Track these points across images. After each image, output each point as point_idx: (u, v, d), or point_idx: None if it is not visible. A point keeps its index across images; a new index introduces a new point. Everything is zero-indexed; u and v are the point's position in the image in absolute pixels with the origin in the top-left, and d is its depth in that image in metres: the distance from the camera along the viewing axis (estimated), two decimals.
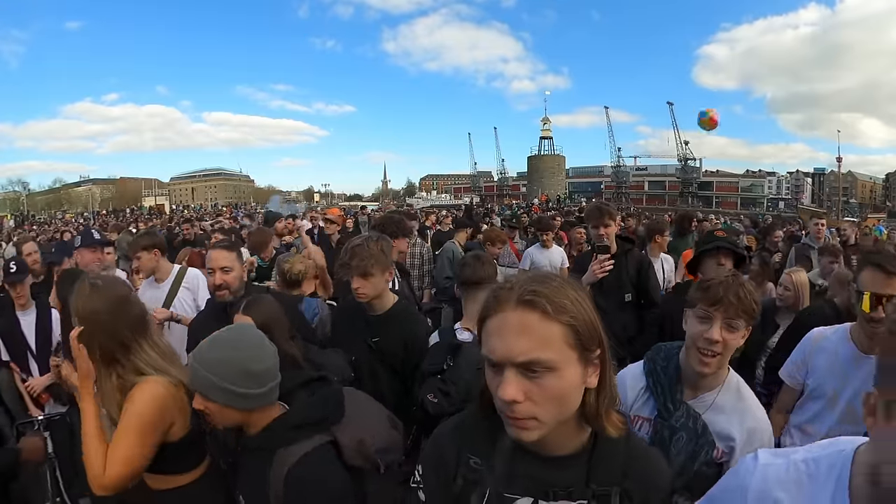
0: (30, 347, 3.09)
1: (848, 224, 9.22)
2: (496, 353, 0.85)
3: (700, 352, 1.42)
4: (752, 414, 1.47)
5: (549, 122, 59.44)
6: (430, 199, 55.66)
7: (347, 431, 1.38)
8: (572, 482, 0.91)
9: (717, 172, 58.11)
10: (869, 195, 57.14)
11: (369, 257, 2.15)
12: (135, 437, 1.46)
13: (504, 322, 0.85)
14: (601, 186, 59.80)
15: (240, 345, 1.32)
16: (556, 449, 0.92)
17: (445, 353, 1.93)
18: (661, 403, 1.47)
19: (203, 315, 2.70)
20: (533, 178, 58.47)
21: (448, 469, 0.99)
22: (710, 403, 1.47)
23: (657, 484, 0.96)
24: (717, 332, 1.40)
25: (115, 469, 1.44)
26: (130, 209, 51.94)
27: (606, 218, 2.93)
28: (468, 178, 69.71)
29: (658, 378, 1.51)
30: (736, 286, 1.43)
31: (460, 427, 1.04)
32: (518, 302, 0.85)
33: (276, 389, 1.35)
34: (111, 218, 32.25)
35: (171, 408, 1.54)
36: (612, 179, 58.67)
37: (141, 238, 3.48)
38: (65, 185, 69.86)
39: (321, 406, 1.39)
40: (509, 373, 0.83)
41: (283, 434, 1.32)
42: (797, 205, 46.44)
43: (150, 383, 1.54)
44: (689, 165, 53.67)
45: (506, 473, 0.93)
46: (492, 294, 0.90)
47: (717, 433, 1.43)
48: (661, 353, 1.57)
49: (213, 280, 2.44)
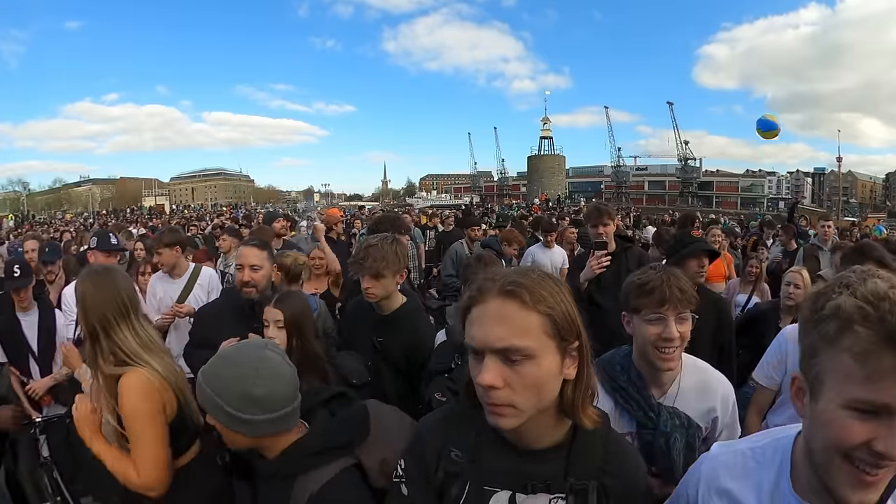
0: (31, 349, 3.04)
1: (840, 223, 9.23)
2: (476, 339, 0.88)
3: (660, 351, 1.43)
4: (719, 383, 1.52)
5: (549, 122, 59.53)
6: (430, 199, 55.66)
7: (371, 452, 1.28)
8: (550, 476, 0.92)
9: (717, 172, 58.13)
10: (869, 195, 57.17)
11: (382, 259, 2.15)
12: (147, 437, 1.54)
13: (485, 311, 0.88)
14: (601, 186, 59.82)
15: (242, 364, 1.21)
16: (534, 442, 0.93)
17: (453, 351, 1.92)
18: (640, 416, 1.45)
19: (216, 306, 2.69)
20: (533, 177, 58.48)
21: (429, 462, 0.99)
22: (677, 393, 1.49)
23: (635, 481, 0.98)
24: (674, 330, 1.41)
25: (149, 473, 1.53)
26: (130, 209, 51.97)
27: (605, 217, 3.01)
28: (468, 178, 69.76)
29: (627, 393, 1.47)
30: (673, 280, 1.45)
31: (445, 420, 1.05)
32: (499, 292, 0.88)
33: (290, 416, 1.24)
34: (111, 218, 32.26)
35: (158, 392, 1.59)
36: (612, 179, 58.69)
37: (165, 235, 3.54)
38: (65, 185, 69.91)
39: (344, 428, 1.29)
40: (489, 359, 0.86)
41: (302, 460, 1.21)
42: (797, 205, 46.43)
43: (131, 377, 1.58)
44: (689, 165, 53.70)
45: (485, 466, 0.95)
46: (475, 286, 0.93)
47: (697, 416, 1.46)
48: (616, 366, 1.52)
49: (241, 276, 2.44)
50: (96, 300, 1.65)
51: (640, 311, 1.46)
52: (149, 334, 1.73)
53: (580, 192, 58.27)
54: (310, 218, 7.26)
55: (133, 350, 1.64)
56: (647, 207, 40.67)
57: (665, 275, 1.47)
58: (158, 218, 25.01)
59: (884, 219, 30.09)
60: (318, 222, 3.70)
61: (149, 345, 1.69)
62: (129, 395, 1.55)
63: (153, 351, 1.68)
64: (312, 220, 7.64)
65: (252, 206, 49.38)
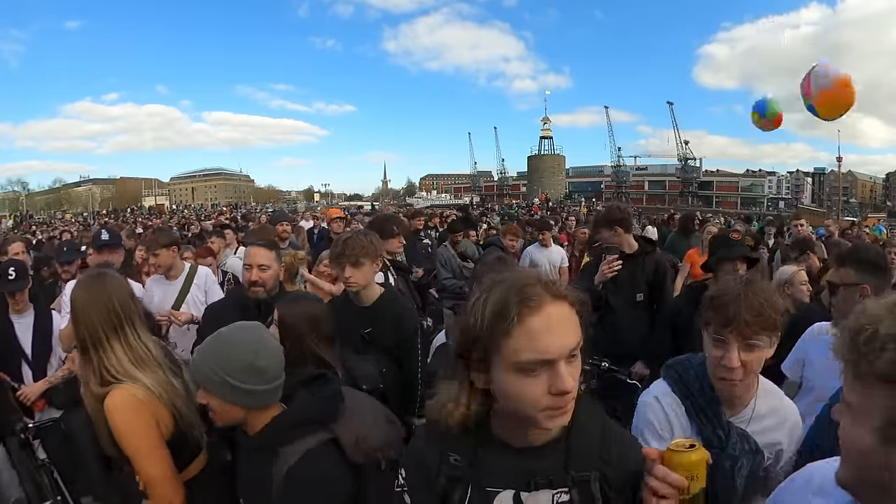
0: (24, 353, 2.91)
1: (832, 222, 9.23)
2: (553, 349, 0.84)
3: (721, 378, 1.28)
4: (789, 410, 1.40)
5: (549, 122, 59.59)
6: (430, 199, 55.67)
7: (347, 428, 1.38)
8: (552, 470, 0.92)
9: (717, 172, 58.16)
10: (869, 195, 57.17)
11: (360, 247, 2.26)
12: (145, 452, 1.49)
13: (549, 318, 0.85)
14: (601, 186, 59.85)
15: (243, 340, 1.32)
16: (535, 439, 0.93)
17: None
18: (708, 432, 1.31)
19: (223, 304, 2.73)
20: (533, 177, 58.50)
21: (430, 468, 0.99)
22: (751, 416, 1.35)
23: (634, 468, 0.96)
24: (735, 359, 1.23)
25: (160, 491, 1.49)
26: (130, 209, 52.00)
27: (618, 228, 3.03)
28: (468, 178, 69.80)
29: (696, 402, 1.34)
30: (751, 298, 1.24)
31: (442, 427, 1.02)
32: (553, 296, 0.87)
33: (280, 389, 1.35)
34: (111, 218, 32.25)
35: (146, 406, 1.53)
36: (612, 179, 58.72)
37: (161, 236, 3.48)
38: (65, 185, 69.93)
39: (320, 404, 1.39)
40: (562, 366, 0.84)
41: (283, 432, 1.32)
42: (797, 204, 46.47)
43: (115, 396, 1.51)
44: (689, 165, 53.73)
45: (485, 467, 0.95)
46: (518, 294, 0.86)
47: (764, 444, 1.34)
48: (690, 371, 1.39)
49: (249, 276, 2.48)
50: (86, 312, 1.58)
51: (708, 327, 1.30)
52: (144, 346, 1.65)
53: (580, 191, 58.26)
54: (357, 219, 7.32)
55: (123, 369, 1.56)
56: (647, 207, 40.65)
57: (742, 289, 1.25)
58: (158, 218, 25.00)
59: (884, 219, 30.03)
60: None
61: (143, 359, 1.61)
62: (116, 413, 1.49)
63: (146, 366, 1.60)
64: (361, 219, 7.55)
65: (252, 206, 49.42)
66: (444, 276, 5.29)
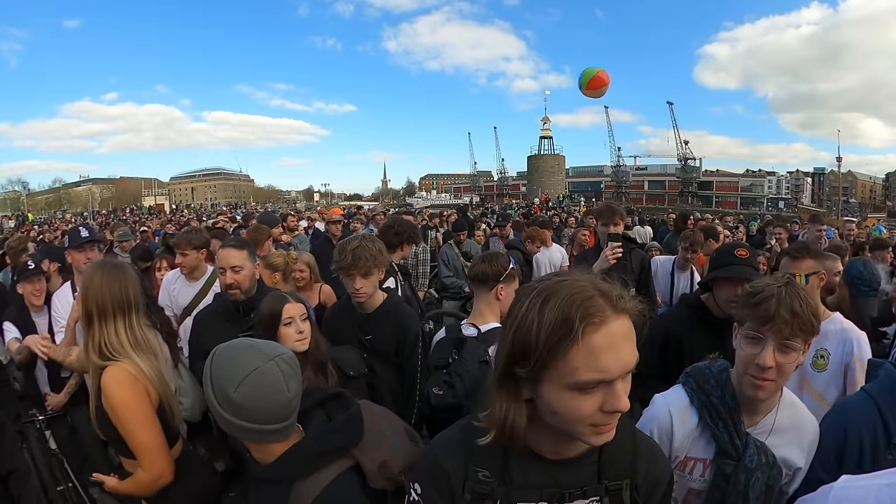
0: None
1: (846, 223, 9.28)
2: (614, 368, 0.79)
3: (752, 376, 1.24)
4: (810, 425, 1.36)
5: (548, 122, 59.48)
6: (430, 199, 55.66)
7: (368, 453, 1.24)
8: (585, 481, 0.92)
9: (717, 172, 58.17)
10: (869, 195, 57.16)
11: (371, 258, 2.20)
12: (139, 424, 1.57)
13: (612, 335, 0.79)
14: (601, 186, 59.87)
15: (236, 365, 1.16)
16: (570, 451, 0.92)
17: (451, 347, 1.96)
18: (725, 441, 1.28)
19: (208, 310, 2.68)
20: (533, 177, 58.46)
21: (452, 483, 0.95)
22: (771, 428, 1.31)
23: (660, 477, 0.99)
24: (770, 357, 1.21)
25: (153, 461, 1.57)
26: (130, 209, 51.98)
27: (617, 217, 3.19)
28: (468, 178, 69.78)
29: (716, 412, 1.30)
30: (791, 298, 1.21)
31: (465, 437, 0.98)
32: (616, 310, 0.80)
33: (274, 433, 1.18)
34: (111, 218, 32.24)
35: (137, 384, 1.61)
36: (612, 179, 58.72)
37: (193, 236, 3.36)
38: (65, 185, 69.93)
39: (341, 431, 1.25)
40: (619, 385, 0.80)
41: (300, 465, 1.18)
42: (797, 204, 46.51)
43: (112, 371, 1.61)
44: (689, 165, 53.72)
45: (516, 483, 0.92)
46: (580, 308, 0.79)
47: (781, 459, 1.30)
48: (710, 380, 1.35)
49: (223, 279, 2.43)
50: (101, 288, 1.67)
51: (744, 324, 1.28)
52: (144, 336, 1.75)
53: (580, 191, 58.27)
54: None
55: (121, 345, 1.66)
56: (646, 207, 40.68)
57: (783, 289, 1.23)
58: (158, 217, 24.98)
59: (884, 219, 30.10)
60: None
61: (140, 345, 1.71)
62: (111, 388, 1.58)
63: (143, 351, 1.70)
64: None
65: (252, 206, 49.43)
66: (445, 274, 5.31)
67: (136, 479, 1.60)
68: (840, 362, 2.03)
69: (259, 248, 4.56)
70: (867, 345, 2.05)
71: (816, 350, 2.05)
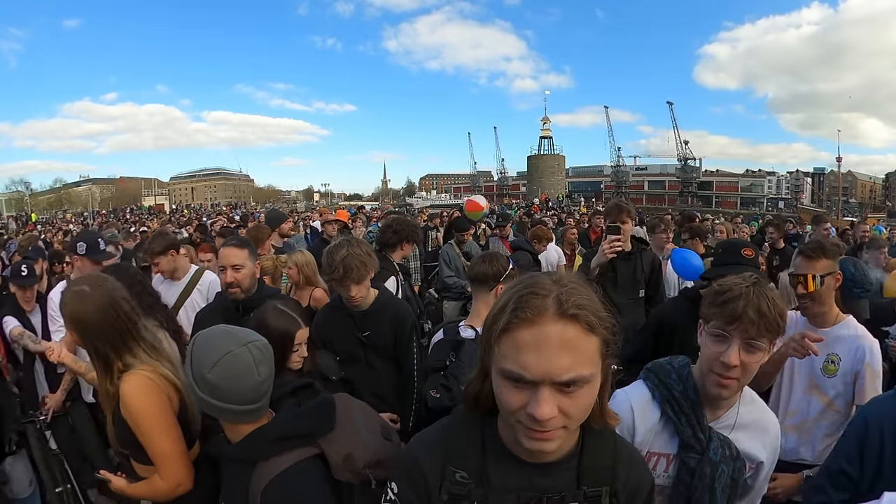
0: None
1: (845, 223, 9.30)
2: (532, 370, 0.77)
3: (716, 374, 1.25)
4: (771, 422, 1.38)
5: (548, 122, 59.52)
6: (430, 199, 55.66)
7: (335, 444, 1.27)
8: (564, 486, 0.91)
9: (716, 172, 58.16)
10: (869, 195, 57.16)
11: (361, 265, 2.19)
12: (159, 433, 1.50)
13: (543, 336, 0.77)
14: (601, 186, 59.85)
15: (213, 348, 1.25)
16: (550, 456, 0.90)
17: (448, 349, 1.96)
18: (688, 435, 1.29)
19: (209, 308, 2.71)
20: (533, 177, 58.46)
21: (429, 484, 0.94)
22: (734, 423, 1.32)
23: (641, 485, 0.98)
24: (735, 356, 1.21)
25: (173, 471, 1.50)
26: (130, 209, 51.96)
27: (624, 215, 3.14)
28: (468, 178, 69.80)
29: (679, 406, 1.31)
30: (759, 298, 1.22)
31: (444, 437, 0.98)
32: (560, 314, 0.78)
33: (246, 414, 1.27)
34: (111, 218, 32.24)
35: (158, 388, 1.54)
36: (612, 179, 58.72)
37: (154, 243, 3.29)
38: (65, 185, 69.96)
39: (306, 418, 1.30)
40: (545, 391, 0.77)
41: (261, 447, 1.23)
42: (797, 204, 46.49)
43: (130, 381, 1.53)
44: (689, 165, 53.71)
45: (494, 485, 0.91)
46: (519, 301, 0.80)
47: (744, 453, 1.32)
48: (671, 374, 1.36)
49: (224, 278, 2.45)
50: (95, 327, 1.55)
51: (709, 322, 1.28)
52: (156, 338, 1.72)
53: (580, 191, 58.28)
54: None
55: (135, 357, 1.58)
56: (646, 207, 40.69)
57: (751, 288, 1.23)
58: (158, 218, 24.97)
59: (884, 219, 30.09)
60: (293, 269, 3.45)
61: (156, 349, 1.66)
62: (130, 395, 1.50)
63: (160, 355, 1.65)
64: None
65: (252, 206, 49.40)
66: (446, 273, 5.28)
67: (153, 485, 1.53)
68: (850, 370, 1.97)
69: (260, 247, 4.57)
70: (879, 353, 1.99)
71: (827, 355, 1.98)
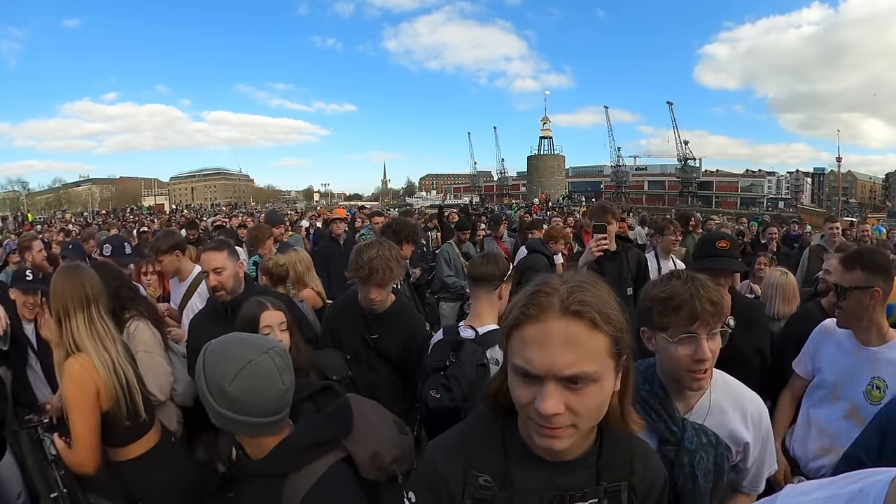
0: (33, 346, 2.95)
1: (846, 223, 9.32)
2: (535, 364, 0.80)
3: (692, 372, 1.28)
4: (749, 401, 1.40)
5: (548, 122, 59.68)
6: (430, 199, 55.69)
7: (360, 444, 1.26)
8: (584, 484, 0.92)
9: (716, 172, 58.24)
10: (869, 195, 57.20)
11: (388, 269, 2.16)
12: (78, 416, 1.76)
13: (546, 332, 0.80)
14: (601, 186, 59.94)
15: (232, 359, 1.17)
16: (569, 454, 0.91)
17: (448, 349, 1.95)
18: (662, 429, 1.33)
19: (202, 313, 2.69)
20: (532, 177, 58.53)
21: (451, 490, 0.94)
22: (707, 409, 1.36)
23: (655, 479, 1.00)
24: (706, 349, 1.25)
25: (80, 451, 1.77)
26: (130, 209, 51.98)
27: (609, 216, 3.16)
28: (468, 178, 69.89)
29: (647, 404, 1.35)
30: (702, 291, 1.27)
31: (462, 441, 0.98)
32: (563, 311, 0.80)
33: (268, 426, 1.19)
34: (111, 218, 32.24)
35: (90, 380, 1.78)
36: (612, 179, 58.82)
37: (161, 241, 3.36)
38: (65, 185, 69.99)
39: (331, 423, 1.27)
40: (551, 386, 0.80)
41: (293, 457, 1.18)
42: (797, 204, 46.50)
43: (72, 363, 1.80)
44: (689, 165, 53.76)
45: (517, 488, 0.91)
46: (527, 299, 0.84)
47: (726, 437, 1.35)
48: (637, 376, 1.39)
49: (208, 283, 2.44)
50: (61, 290, 1.87)
51: (667, 330, 1.29)
52: (107, 326, 1.92)
53: (580, 191, 58.37)
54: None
55: (80, 339, 1.83)
56: (646, 207, 40.70)
57: (692, 286, 1.27)
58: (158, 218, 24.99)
59: (884, 219, 30.07)
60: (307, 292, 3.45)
61: (101, 336, 1.87)
62: (69, 379, 1.78)
63: (102, 341, 1.86)
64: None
65: (252, 206, 49.43)
66: (446, 273, 5.25)
67: (69, 454, 1.80)
68: None
69: (260, 247, 4.59)
70: None
71: (872, 378, 1.84)
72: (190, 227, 7.24)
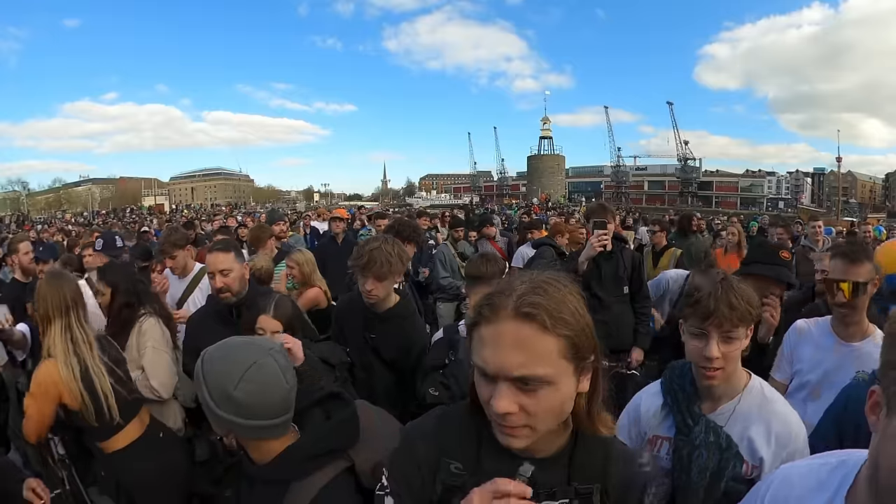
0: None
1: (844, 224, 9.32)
2: (489, 364, 0.82)
3: (702, 369, 1.34)
4: (779, 418, 1.36)
5: (548, 122, 59.73)
6: (430, 199, 55.73)
7: (363, 454, 1.25)
8: (555, 482, 0.91)
9: (716, 172, 58.25)
10: (869, 195, 57.21)
11: (387, 262, 2.16)
12: (29, 401, 1.94)
13: (499, 333, 0.81)
14: (601, 186, 59.94)
15: (234, 362, 1.14)
16: (539, 451, 0.91)
17: (447, 348, 1.97)
18: (678, 419, 1.39)
19: (202, 312, 2.68)
20: (532, 177, 58.57)
21: (424, 473, 0.95)
22: (731, 413, 1.37)
23: (631, 484, 0.97)
24: (715, 349, 1.29)
25: (26, 423, 1.96)
26: (130, 209, 52.00)
27: (609, 214, 3.21)
28: (468, 178, 69.91)
29: (676, 395, 1.42)
30: (727, 294, 1.31)
31: (439, 427, 1.00)
32: (515, 313, 0.80)
33: (273, 428, 1.17)
34: (111, 218, 32.28)
35: (52, 385, 1.90)
36: (612, 179, 58.82)
37: (174, 237, 3.46)
38: (65, 185, 69.97)
39: (339, 431, 1.26)
40: (503, 385, 0.80)
41: (299, 465, 1.17)
42: (797, 205, 46.56)
43: (43, 367, 1.93)
44: (689, 165, 53.79)
45: (488, 475, 0.89)
46: (486, 299, 0.86)
47: (743, 446, 1.34)
48: (676, 369, 1.49)
49: (214, 283, 2.43)
50: (44, 296, 1.99)
51: (687, 321, 1.37)
52: (84, 332, 2.01)
53: (580, 191, 58.40)
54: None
55: (54, 345, 1.94)
56: (646, 207, 40.75)
57: (719, 285, 1.32)
58: (158, 218, 25.02)
59: (884, 219, 30.13)
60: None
61: (78, 342, 1.97)
62: (34, 378, 1.94)
63: (76, 347, 1.96)
64: None
65: (252, 206, 49.46)
66: (442, 274, 5.29)
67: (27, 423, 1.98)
68: None
69: (261, 247, 4.60)
70: None
71: (856, 374, 1.83)
72: (187, 228, 7.28)
